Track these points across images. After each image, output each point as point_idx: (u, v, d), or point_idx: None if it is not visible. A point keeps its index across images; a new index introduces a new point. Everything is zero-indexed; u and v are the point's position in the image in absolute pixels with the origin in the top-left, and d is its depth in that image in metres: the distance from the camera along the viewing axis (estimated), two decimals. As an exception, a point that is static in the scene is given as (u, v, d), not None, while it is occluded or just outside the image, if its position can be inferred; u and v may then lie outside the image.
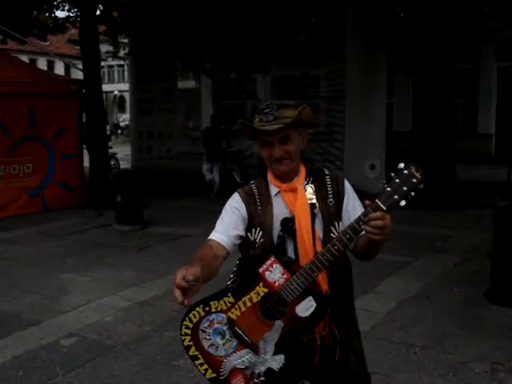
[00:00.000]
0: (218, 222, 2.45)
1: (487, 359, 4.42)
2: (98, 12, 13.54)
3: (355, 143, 12.98)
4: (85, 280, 6.71)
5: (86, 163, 12.28)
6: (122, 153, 23.57)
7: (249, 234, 2.38)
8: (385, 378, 4.12)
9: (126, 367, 4.41)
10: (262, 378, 2.30)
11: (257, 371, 2.30)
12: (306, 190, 2.36)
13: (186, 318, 2.38)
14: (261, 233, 2.35)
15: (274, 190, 2.40)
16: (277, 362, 2.29)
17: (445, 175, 11.20)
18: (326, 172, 2.45)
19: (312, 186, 2.38)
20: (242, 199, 2.43)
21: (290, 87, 14.99)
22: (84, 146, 12.01)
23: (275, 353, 2.29)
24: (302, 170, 2.41)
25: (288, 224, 2.31)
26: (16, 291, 6.30)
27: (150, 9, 14.10)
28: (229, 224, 2.41)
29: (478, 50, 19.60)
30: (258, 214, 2.38)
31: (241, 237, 2.41)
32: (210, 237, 2.42)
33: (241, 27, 13.90)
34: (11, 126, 10.43)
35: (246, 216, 2.40)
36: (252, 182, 2.48)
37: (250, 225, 2.39)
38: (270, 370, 2.29)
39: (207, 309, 2.35)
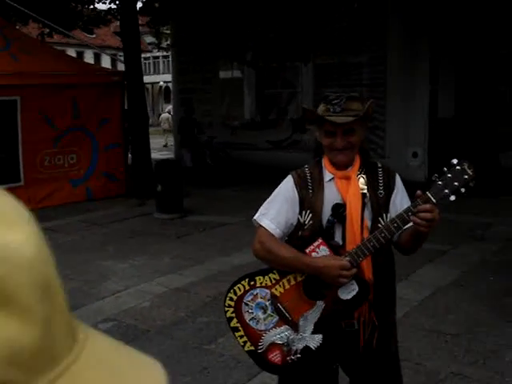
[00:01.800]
0: (273, 211, 2.48)
1: (519, 348, 4.39)
2: (140, 4, 13.74)
3: (397, 131, 12.87)
4: (124, 267, 6.89)
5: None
6: (169, 143, 23.96)
7: (299, 216, 2.44)
8: (414, 365, 4.13)
9: (159, 350, 4.52)
10: (298, 355, 2.38)
11: (294, 348, 2.39)
12: (358, 180, 2.42)
13: (231, 291, 2.49)
14: (310, 215, 2.41)
15: (327, 175, 2.45)
16: (315, 341, 2.37)
17: (487, 163, 10.97)
18: (379, 165, 2.52)
19: (364, 176, 2.43)
20: (295, 183, 2.48)
21: (331, 75, 14.89)
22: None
23: (314, 332, 2.37)
24: (357, 160, 2.46)
25: (339, 209, 2.37)
26: (58, 277, 6.50)
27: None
28: (283, 216, 2.46)
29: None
30: (308, 198, 2.44)
31: (292, 224, 2.47)
32: (265, 225, 2.47)
33: (282, 15, 13.87)
34: (56, 118, 10.69)
35: (297, 200, 2.45)
36: (306, 166, 2.54)
37: (300, 207, 2.45)
38: (306, 348, 2.37)
39: (252, 283, 2.46)
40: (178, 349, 4.57)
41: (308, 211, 2.42)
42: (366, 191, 2.39)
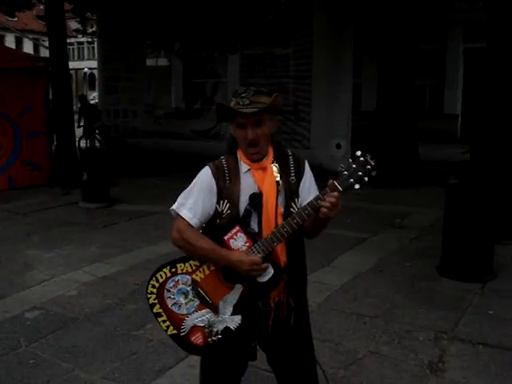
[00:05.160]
0: (191, 201, 2.57)
1: (432, 328, 4.68)
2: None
3: (321, 123, 13.16)
4: (50, 256, 6.83)
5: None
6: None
7: (217, 205, 2.56)
8: (333, 345, 4.35)
9: (88, 338, 4.58)
10: (219, 336, 2.54)
11: (215, 329, 2.54)
12: (272, 169, 2.57)
13: (153, 278, 2.61)
14: (228, 205, 2.53)
15: (244, 167, 2.58)
16: (234, 322, 2.53)
17: (407, 154, 11.47)
18: (290, 153, 2.67)
19: (277, 165, 2.57)
20: (213, 174, 2.58)
21: (257, 66, 15.04)
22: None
23: (233, 314, 2.52)
24: (271, 151, 2.61)
25: (256, 199, 2.51)
26: (-19, 267, 6.40)
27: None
28: (200, 206, 2.56)
29: (446, 31, 19.85)
30: (226, 188, 2.55)
31: (209, 213, 2.58)
32: (183, 215, 2.56)
33: (210, 6, 13.90)
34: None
35: (215, 190, 2.56)
36: (222, 157, 2.65)
37: (218, 197, 2.56)
38: (227, 328, 2.53)
39: (173, 270, 2.58)
40: (107, 335, 4.62)
41: (226, 201, 2.54)
42: (279, 179, 2.55)
